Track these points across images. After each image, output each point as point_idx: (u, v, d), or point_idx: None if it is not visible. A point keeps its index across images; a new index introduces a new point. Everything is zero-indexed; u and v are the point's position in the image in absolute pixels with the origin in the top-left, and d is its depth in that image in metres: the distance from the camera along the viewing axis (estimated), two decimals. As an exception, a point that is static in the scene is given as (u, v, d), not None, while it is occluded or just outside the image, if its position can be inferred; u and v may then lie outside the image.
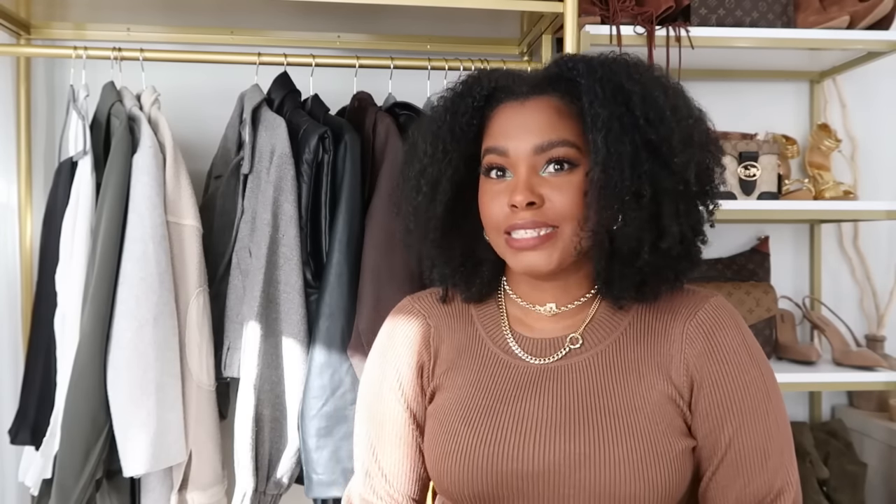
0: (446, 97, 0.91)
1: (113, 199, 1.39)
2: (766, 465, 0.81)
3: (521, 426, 0.83)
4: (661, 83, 0.84)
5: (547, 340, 0.89)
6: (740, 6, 1.66)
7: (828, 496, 1.80)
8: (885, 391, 1.89)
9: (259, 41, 1.82)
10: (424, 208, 0.89)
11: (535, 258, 0.82)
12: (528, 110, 0.84)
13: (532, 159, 0.83)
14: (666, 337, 0.85)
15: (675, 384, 0.83)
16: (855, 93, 2.05)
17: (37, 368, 1.52)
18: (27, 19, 1.75)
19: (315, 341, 1.45)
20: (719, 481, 0.82)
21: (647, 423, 0.81)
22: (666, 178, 0.80)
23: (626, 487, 0.78)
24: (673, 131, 0.80)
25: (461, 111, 0.87)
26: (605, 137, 0.79)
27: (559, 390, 0.84)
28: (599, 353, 0.86)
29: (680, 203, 0.82)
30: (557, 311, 0.89)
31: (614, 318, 0.88)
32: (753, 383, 0.83)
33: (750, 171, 1.71)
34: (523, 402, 0.85)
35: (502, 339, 0.91)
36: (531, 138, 0.82)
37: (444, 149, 0.87)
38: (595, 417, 0.81)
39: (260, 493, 1.45)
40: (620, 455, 0.79)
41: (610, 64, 0.84)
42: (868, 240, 2.06)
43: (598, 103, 0.80)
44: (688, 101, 0.86)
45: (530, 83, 0.87)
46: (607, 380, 0.84)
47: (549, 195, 0.82)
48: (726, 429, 0.81)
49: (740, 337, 0.85)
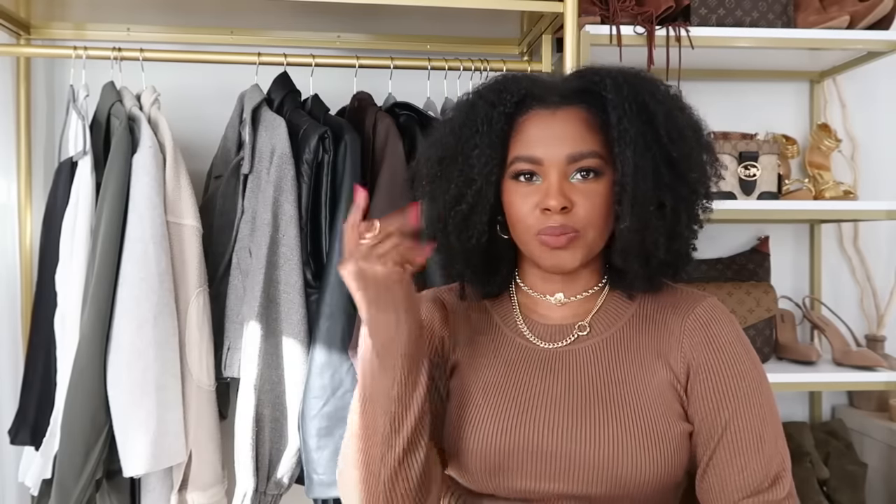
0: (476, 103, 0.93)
1: (113, 199, 1.39)
2: (762, 449, 0.85)
3: (532, 404, 0.89)
4: (678, 102, 0.92)
5: (557, 327, 0.95)
6: (740, 6, 1.66)
7: (828, 496, 1.80)
8: (885, 391, 1.89)
9: (259, 41, 1.82)
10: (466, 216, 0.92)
11: (564, 257, 0.88)
12: (559, 121, 0.89)
13: (564, 167, 0.88)
14: (666, 328, 0.92)
15: (674, 371, 0.89)
16: (855, 93, 2.05)
17: (37, 368, 1.52)
18: (27, 19, 1.75)
19: (315, 341, 1.45)
20: (716, 465, 0.85)
21: (649, 405, 0.87)
22: (682, 189, 0.88)
23: (627, 464, 0.83)
24: (692, 149, 0.89)
25: (495, 119, 0.90)
26: (634, 152, 0.86)
27: (568, 373, 0.91)
28: (605, 340, 0.93)
29: (690, 210, 0.90)
30: (566, 300, 0.96)
31: (619, 309, 0.95)
32: (748, 373, 0.88)
33: (750, 171, 1.71)
34: (535, 382, 0.91)
35: (515, 326, 0.97)
36: (564, 148, 0.88)
37: (487, 160, 0.90)
38: (600, 399, 0.88)
39: (260, 493, 1.45)
40: (623, 434, 0.84)
41: (633, 80, 0.90)
42: (868, 240, 2.06)
43: (626, 119, 0.86)
44: (698, 120, 0.93)
45: (560, 93, 0.91)
46: (612, 365, 0.91)
47: (577, 201, 0.87)
48: (722, 412, 0.86)
49: (735, 331, 0.91)
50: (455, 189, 0.92)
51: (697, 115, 0.93)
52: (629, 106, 0.87)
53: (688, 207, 0.90)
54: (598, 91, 0.89)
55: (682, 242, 0.91)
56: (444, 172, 0.93)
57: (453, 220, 0.92)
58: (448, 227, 0.93)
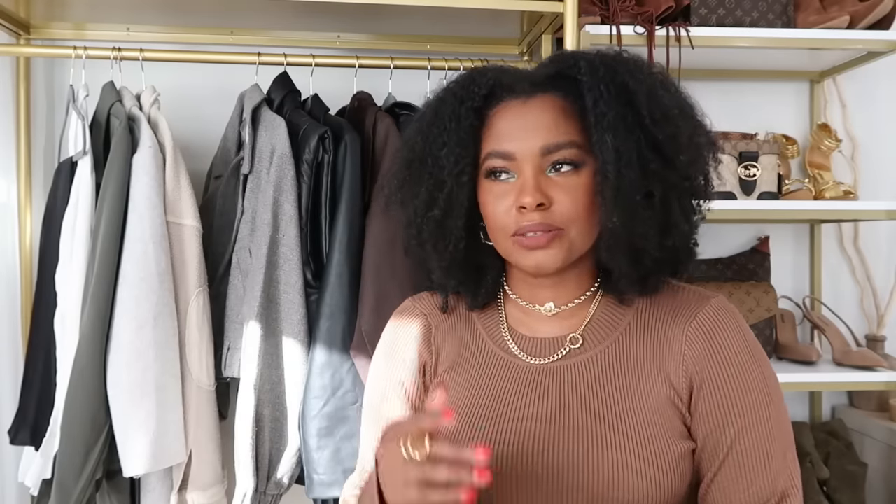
0: (444, 99, 0.87)
1: (113, 199, 1.39)
2: (769, 466, 0.80)
3: (520, 426, 0.82)
4: (662, 81, 0.84)
5: (547, 341, 0.88)
6: (740, 6, 1.66)
7: (828, 496, 1.80)
8: (885, 391, 1.89)
9: (259, 41, 1.81)
10: (439, 222, 0.86)
11: (543, 257, 0.81)
12: (531, 110, 0.83)
13: (538, 161, 0.81)
14: (666, 338, 0.85)
15: (675, 386, 0.82)
16: (855, 93, 2.05)
17: (37, 368, 1.52)
18: (27, 19, 1.75)
19: (315, 341, 1.45)
20: (721, 483, 0.81)
21: (646, 425, 0.80)
22: (672, 175, 0.80)
23: (624, 488, 0.77)
24: (680, 129, 0.81)
25: (463, 115, 0.84)
26: (614, 137, 0.78)
27: (559, 391, 0.84)
28: (599, 354, 0.86)
29: (683, 199, 0.83)
30: (557, 310, 0.89)
31: (614, 317, 0.88)
32: (755, 384, 0.82)
33: (750, 171, 1.71)
34: (523, 402, 0.84)
35: (502, 340, 0.90)
36: (537, 140, 0.81)
37: (457, 160, 0.84)
38: (594, 419, 0.81)
39: (260, 493, 1.45)
40: (618, 456, 0.78)
41: (611, 62, 0.82)
42: (868, 240, 2.06)
43: (603, 102, 0.79)
44: (689, 99, 0.85)
45: (531, 81, 0.84)
46: (606, 381, 0.84)
47: (556, 196, 0.81)
48: (728, 430, 0.80)
49: (741, 338, 0.84)
50: (426, 193, 0.85)
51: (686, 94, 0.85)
52: (605, 87, 0.79)
53: (680, 196, 0.82)
54: (572, 75, 0.81)
55: (678, 236, 0.82)
56: (413, 176, 0.87)
57: (427, 226, 0.86)
58: (423, 235, 0.88)
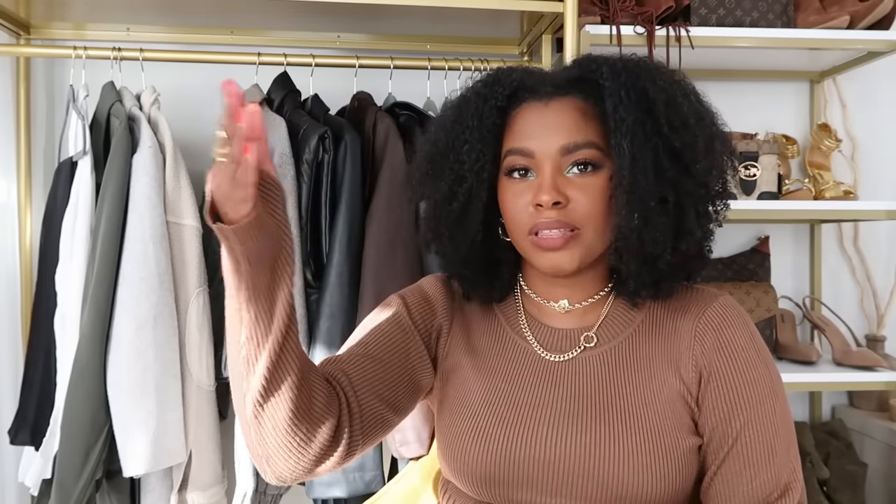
0: (468, 98, 0.89)
1: (113, 199, 1.39)
2: (773, 460, 0.82)
3: (536, 414, 0.85)
4: (683, 88, 0.85)
5: (563, 337, 0.90)
6: (740, 6, 1.66)
7: (828, 496, 1.80)
8: (885, 391, 1.89)
9: (259, 41, 1.82)
10: (458, 216, 0.88)
11: (560, 258, 0.83)
12: (552, 111, 0.85)
13: (557, 160, 0.83)
14: (677, 334, 0.87)
15: (685, 380, 0.85)
16: (855, 93, 2.05)
17: (37, 368, 1.52)
18: (27, 19, 1.75)
19: (315, 341, 1.45)
20: (725, 475, 0.82)
21: (657, 418, 0.82)
22: (688, 183, 0.82)
23: (633, 480, 0.79)
24: (697, 138, 0.82)
25: (486, 114, 0.86)
26: (631, 142, 0.80)
27: (574, 384, 0.87)
28: (612, 350, 0.88)
29: (699, 206, 0.84)
30: (571, 307, 0.91)
31: (627, 315, 0.90)
32: (761, 379, 0.84)
33: (750, 171, 1.71)
34: (540, 392, 0.87)
35: (521, 332, 0.93)
36: (557, 139, 0.83)
37: (478, 156, 0.86)
38: (606, 411, 0.83)
39: (260, 493, 1.45)
40: (629, 448, 0.80)
41: (633, 68, 0.84)
42: (868, 240, 2.06)
43: (622, 108, 0.81)
44: (708, 106, 0.87)
45: (554, 83, 0.86)
46: (619, 376, 0.86)
47: (574, 196, 0.82)
48: (734, 422, 0.82)
49: (748, 335, 0.86)
50: (446, 187, 0.88)
51: (708, 102, 0.87)
52: (626, 93, 0.81)
53: (696, 203, 0.84)
54: (594, 79, 0.84)
55: (691, 242, 0.84)
56: (435, 170, 0.90)
57: (446, 220, 0.89)
58: (442, 228, 0.90)
